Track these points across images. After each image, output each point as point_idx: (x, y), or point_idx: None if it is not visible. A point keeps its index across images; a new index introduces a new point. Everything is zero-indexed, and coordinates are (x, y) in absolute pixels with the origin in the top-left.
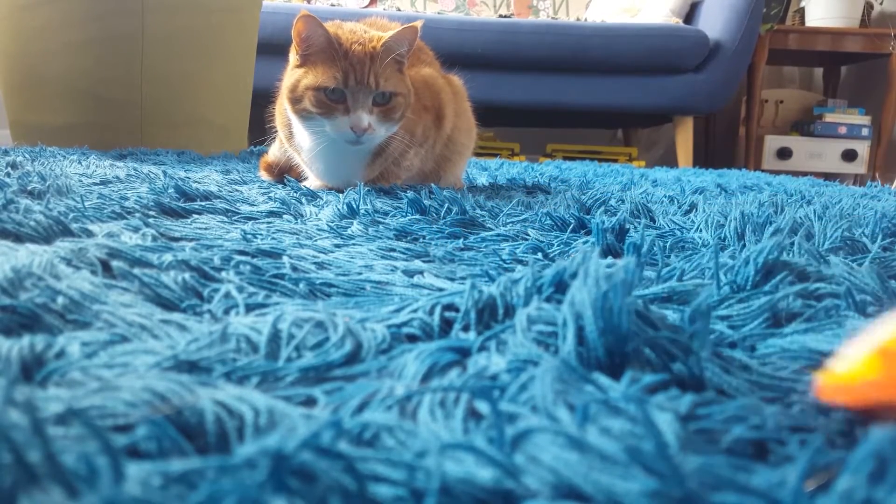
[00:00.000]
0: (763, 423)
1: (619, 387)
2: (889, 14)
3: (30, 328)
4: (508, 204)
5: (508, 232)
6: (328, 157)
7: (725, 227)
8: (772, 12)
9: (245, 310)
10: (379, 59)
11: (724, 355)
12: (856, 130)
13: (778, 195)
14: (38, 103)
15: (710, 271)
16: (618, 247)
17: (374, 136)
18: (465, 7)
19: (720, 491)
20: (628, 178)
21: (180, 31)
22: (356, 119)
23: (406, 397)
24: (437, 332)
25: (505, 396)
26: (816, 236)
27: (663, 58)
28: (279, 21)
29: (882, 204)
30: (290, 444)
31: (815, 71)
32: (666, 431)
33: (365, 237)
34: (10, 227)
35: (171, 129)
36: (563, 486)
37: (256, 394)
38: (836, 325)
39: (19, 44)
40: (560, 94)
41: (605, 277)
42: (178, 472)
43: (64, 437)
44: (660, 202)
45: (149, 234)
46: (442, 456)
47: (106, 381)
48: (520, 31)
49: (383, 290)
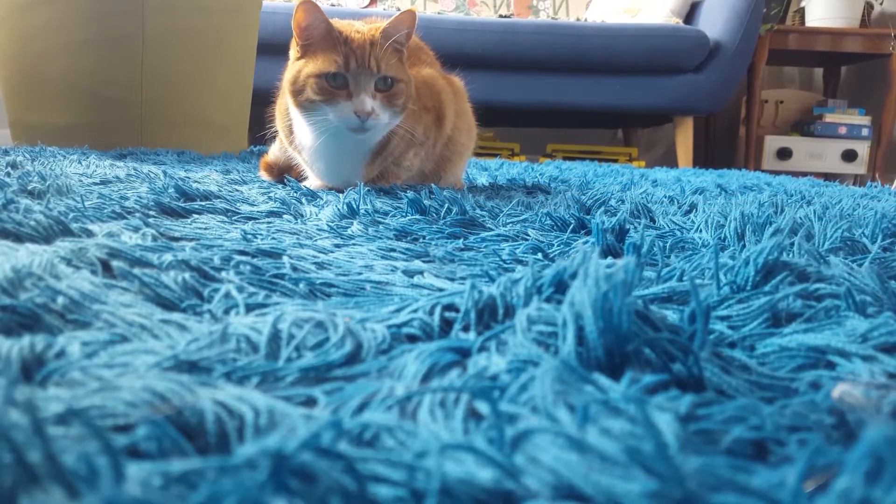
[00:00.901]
0: (762, 423)
1: (619, 387)
2: (889, 14)
3: (30, 328)
4: (508, 204)
5: (508, 232)
6: (329, 155)
7: (725, 228)
8: (772, 12)
9: (245, 310)
10: (378, 44)
11: (724, 355)
12: (856, 131)
13: (778, 195)
14: (38, 103)
15: (711, 271)
16: (618, 247)
17: (378, 122)
18: (465, 7)
19: (720, 491)
20: (628, 178)
21: (180, 31)
22: (359, 103)
23: (406, 398)
24: (437, 332)
25: (505, 397)
26: (816, 237)
27: (663, 58)
28: (279, 21)
29: (882, 204)
30: (290, 445)
31: (815, 71)
32: (666, 432)
33: (365, 237)
34: (10, 227)
35: (172, 128)
36: (563, 486)
37: (256, 394)
38: (836, 325)
39: (19, 43)
40: (560, 94)
41: (605, 278)
42: (178, 472)
43: (64, 438)
44: (660, 202)
45: (149, 233)
46: (442, 456)
47: (106, 381)
48: (520, 31)
49: (383, 290)
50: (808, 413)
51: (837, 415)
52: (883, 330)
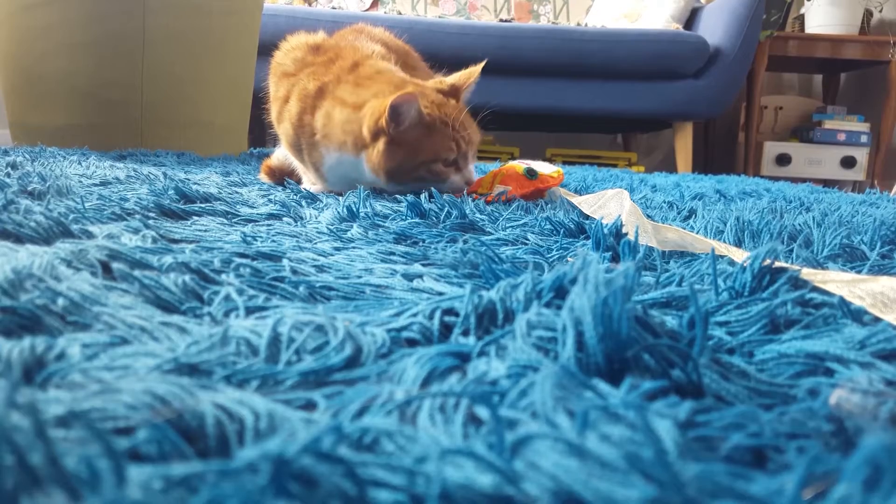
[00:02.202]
0: (761, 430)
1: (618, 393)
2: (888, 21)
3: (30, 330)
4: (508, 208)
5: (508, 236)
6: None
7: (724, 234)
8: (771, 19)
9: (245, 313)
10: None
11: (723, 361)
12: (855, 137)
13: (777, 202)
14: (38, 104)
15: (709, 277)
16: (617, 252)
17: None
18: (466, 11)
19: (719, 498)
20: (628, 183)
21: (181, 33)
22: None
23: (406, 402)
24: (437, 336)
25: (505, 402)
26: (815, 243)
27: (663, 63)
28: (280, 23)
29: (881, 211)
30: (291, 449)
31: (815, 77)
32: (665, 438)
33: (365, 240)
34: (10, 228)
35: (172, 130)
36: (562, 492)
37: (256, 397)
38: (835, 332)
39: (20, 44)
40: (560, 98)
41: (605, 283)
42: (179, 475)
43: (65, 440)
44: (659, 208)
45: (149, 235)
46: (442, 461)
47: (106, 383)
48: (520, 35)
49: (383, 293)
50: (807, 420)
51: (836, 422)
52: (881, 337)
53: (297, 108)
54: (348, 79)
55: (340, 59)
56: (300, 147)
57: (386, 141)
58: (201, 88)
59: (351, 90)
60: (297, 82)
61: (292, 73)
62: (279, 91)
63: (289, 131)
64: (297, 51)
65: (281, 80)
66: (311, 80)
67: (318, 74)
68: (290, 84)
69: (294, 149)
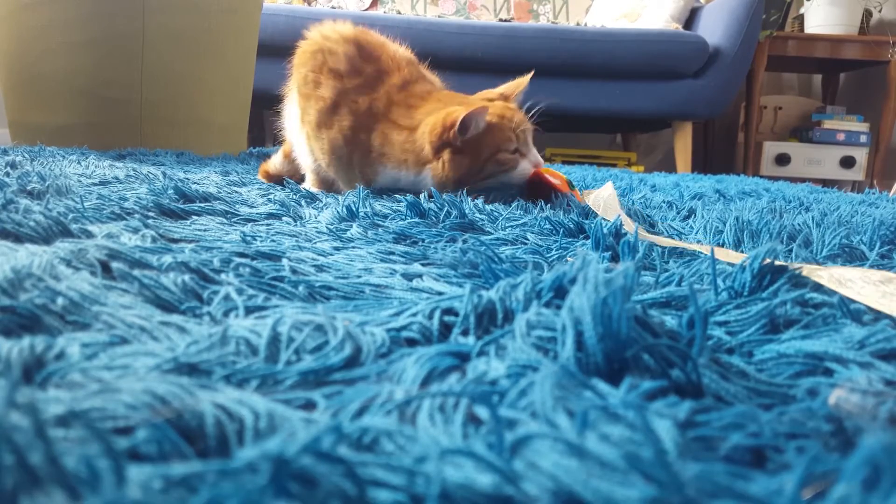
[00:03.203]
0: (760, 430)
1: (618, 393)
2: (888, 21)
3: (30, 329)
4: (507, 208)
5: (507, 236)
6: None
7: (724, 233)
8: (771, 19)
9: (244, 312)
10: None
11: (722, 361)
12: (854, 137)
13: (776, 201)
14: (37, 103)
15: (709, 277)
16: (616, 251)
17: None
18: (466, 11)
19: (718, 498)
20: (627, 182)
21: (180, 32)
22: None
23: (405, 402)
24: (437, 336)
25: (504, 402)
26: (815, 243)
27: (663, 63)
28: (279, 23)
29: (880, 211)
30: (290, 449)
31: (814, 77)
32: (665, 438)
33: (364, 240)
34: (9, 228)
35: (171, 129)
36: (562, 492)
37: (256, 397)
38: (834, 332)
39: (19, 43)
40: (559, 98)
41: (605, 283)
42: (179, 475)
43: (65, 440)
44: (658, 207)
45: (148, 235)
46: (441, 461)
47: (106, 382)
48: (520, 35)
49: (382, 293)
50: (806, 420)
51: (835, 422)
52: (880, 336)
53: (349, 123)
54: (398, 99)
55: (386, 74)
56: (349, 159)
57: (451, 152)
58: (201, 88)
59: (404, 112)
60: (346, 92)
61: (342, 75)
62: (324, 91)
63: (339, 142)
64: (348, 45)
65: (328, 78)
66: (361, 95)
67: (367, 90)
68: (339, 89)
69: (336, 157)
